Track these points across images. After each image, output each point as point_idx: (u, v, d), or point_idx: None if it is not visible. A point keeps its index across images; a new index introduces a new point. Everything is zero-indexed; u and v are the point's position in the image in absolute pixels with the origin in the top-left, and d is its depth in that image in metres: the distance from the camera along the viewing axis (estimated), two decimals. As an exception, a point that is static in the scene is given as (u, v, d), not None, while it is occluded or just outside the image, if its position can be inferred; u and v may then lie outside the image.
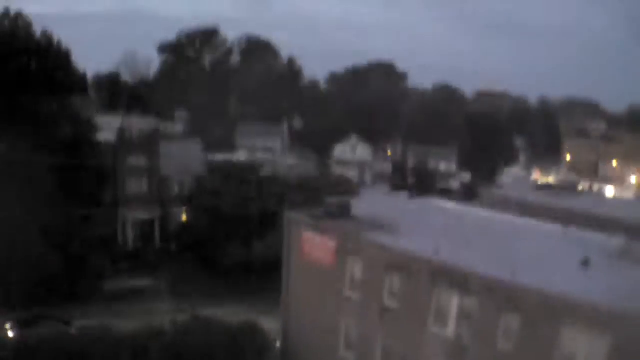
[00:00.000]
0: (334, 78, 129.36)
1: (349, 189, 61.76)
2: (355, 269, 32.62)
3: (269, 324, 39.88)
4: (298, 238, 36.13)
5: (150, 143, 64.95)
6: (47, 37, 60.01)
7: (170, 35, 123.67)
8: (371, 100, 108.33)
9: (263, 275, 46.54)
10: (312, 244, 34.95)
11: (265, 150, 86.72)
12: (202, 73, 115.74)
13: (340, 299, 33.18)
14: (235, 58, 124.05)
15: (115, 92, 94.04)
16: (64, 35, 60.61)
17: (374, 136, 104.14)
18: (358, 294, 32.58)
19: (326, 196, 40.57)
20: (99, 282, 55.21)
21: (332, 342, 33.77)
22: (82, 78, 67.10)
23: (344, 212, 36.09)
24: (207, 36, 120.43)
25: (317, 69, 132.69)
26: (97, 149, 59.10)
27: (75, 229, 53.15)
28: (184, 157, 65.56)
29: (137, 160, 63.56)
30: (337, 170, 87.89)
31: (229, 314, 45.19)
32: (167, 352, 35.47)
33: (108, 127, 66.38)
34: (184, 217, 63.19)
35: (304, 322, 36.62)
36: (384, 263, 30.93)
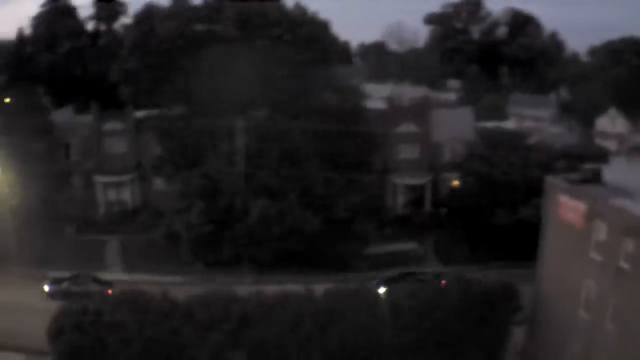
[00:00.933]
0: (593, 51, 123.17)
1: (604, 158, 58.01)
2: (600, 232, 33.70)
3: (525, 288, 40.00)
4: (555, 202, 37.88)
5: (420, 110, 64.98)
6: (300, 8, 62.16)
7: (433, 7, 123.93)
8: (627, 74, 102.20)
9: (527, 241, 44.80)
10: (566, 208, 36.53)
11: (534, 119, 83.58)
12: (469, 44, 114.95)
13: (584, 261, 34.38)
14: (501, 30, 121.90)
15: (383, 61, 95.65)
16: (325, 8, 62.12)
17: (632, 110, 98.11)
18: (600, 256, 33.59)
19: (584, 164, 40.70)
20: (364, 246, 56.34)
21: (573, 303, 35.12)
22: (344, 48, 68.16)
23: (595, 178, 37.26)
24: (473, 8, 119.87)
25: (576, 42, 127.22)
26: (365, 116, 60.15)
27: (340, 194, 54.36)
28: (455, 125, 64.68)
29: (408, 127, 63.66)
30: (597, 141, 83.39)
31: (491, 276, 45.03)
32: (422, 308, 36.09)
33: (377, 95, 68.11)
34: (454, 183, 62.29)
35: (553, 283, 38.15)
36: (624, 227, 31.66)
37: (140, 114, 64.32)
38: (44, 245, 53.94)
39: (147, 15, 62.22)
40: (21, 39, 79.06)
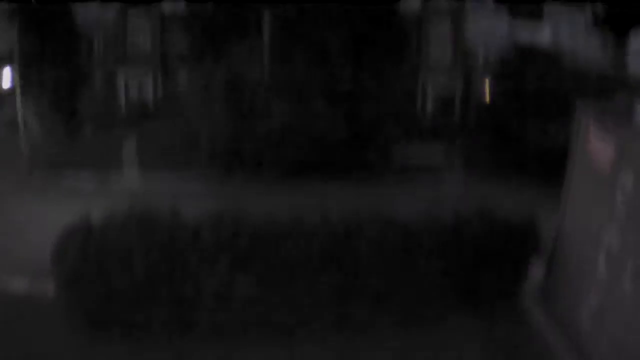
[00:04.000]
0: None
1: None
2: (627, 179, 29.13)
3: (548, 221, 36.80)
4: (584, 134, 33.35)
5: (457, 12, 63.08)
6: None
7: None
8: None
9: (557, 161, 42.73)
10: (594, 144, 32.20)
11: (569, 28, 78.64)
12: None
13: (609, 207, 30.07)
14: None
15: None
16: None
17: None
18: (625, 206, 29.27)
19: (618, 92, 37.33)
20: (391, 152, 55.14)
21: (594, 251, 31.05)
22: None
23: (627, 117, 32.01)
24: None
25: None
26: (397, 14, 57.97)
27: (368, 97, 52.18)
28: (490, 33, 62.58)
29: (442, 29, 62.04)
30: (633, 62, 78.42)
31: (518, 201, 41.85)
32: (444, 246, 33.94)
33: None
34: (486, 92, 59.34)
35: (575, 224, 34.36)
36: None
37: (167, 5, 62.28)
38: (60, 146, 53.62)
39: None
40: None
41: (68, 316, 32.19)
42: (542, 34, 67.30)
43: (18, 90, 51.71)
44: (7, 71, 56.69)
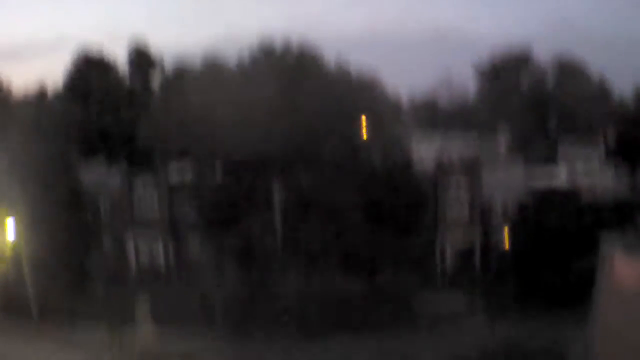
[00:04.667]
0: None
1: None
2: None
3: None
4: (611, 265, 32.59)
5: (471, 167, 62.53)
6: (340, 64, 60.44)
7: (479, 56, 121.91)
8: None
9: (579, 298, 40.82)
10: (623, 271, 31.45)
11: (584, 165, 79.28)
12: (518, 95, 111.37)
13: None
14: (550, 80, 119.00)
15: (432, 112, 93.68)
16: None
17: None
18: None
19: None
20: (406, 308, 52.39)
21: None
22: (393, 102, 66.62)
23: None
24: (522, 59, 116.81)
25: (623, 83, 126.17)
26: (413, 172, 58.14)
27: (383, 254, 50.97)
28: (506, 182, 61.76)
29: (458, 185, 61.35)
30: None
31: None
32: None
33: (426, 149, 65.12)
34: (506, 245, 58.86)
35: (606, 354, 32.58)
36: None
37: (173, 169, 62.86)
38: (71, 301, 51.87)
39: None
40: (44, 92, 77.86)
41: None
42: (558, 176, 67.22)
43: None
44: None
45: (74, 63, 76.15)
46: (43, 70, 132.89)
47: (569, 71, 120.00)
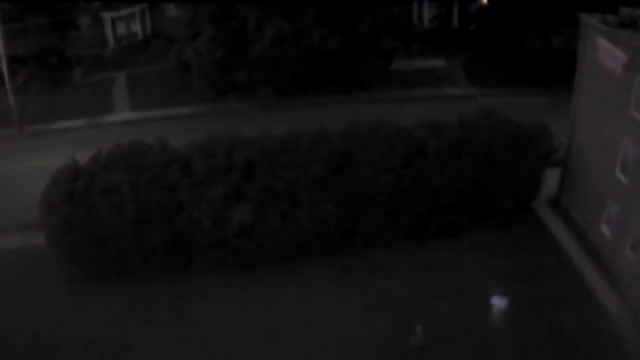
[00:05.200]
0: None
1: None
2: None
3: (555, 123, 36.40)
4: (592, 44, 33.04)
5: None
6: None
7: None
8: None
9: (560, 69, 42.12)
10: (603, 53, 31.78)
11: None
12: None
13: (623, 118, 29.85)
14: None
15: None
16: None
17: None
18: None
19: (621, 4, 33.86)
20: (388, 63, 52.94)
21: (609, 161, 31.07)
22: None
23: (635, 24, 31.58)
24: None
25: None
26: None
27: (363, 7, 49.46)
28: None
29: None
30: None
31: (519, 105, 43.28)
32: (447, 149, 32.70)
33: None
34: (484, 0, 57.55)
35: (588, 133, 34.40)
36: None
37: None
38: (49, 94, 51.37)
39: None
40: None
41: (61, 265, 31.18)
42: None
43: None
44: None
45: None
46: None
47: None
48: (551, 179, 36.04)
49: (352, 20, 48.71)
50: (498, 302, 27.53)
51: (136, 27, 60.01)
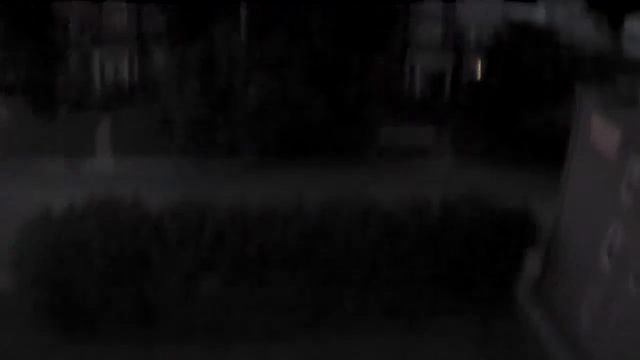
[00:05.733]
0: None
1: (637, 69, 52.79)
2: (635, 169, 27.82)
3: (540, 206, 35.70)
4: (587, 122, 32.09)
5: None
6: None
7: None
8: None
9: (552, 145, 41.71)
10: (598, 132, 30.86)
11: (565, 11, 76.20)
12: None
13: (612, 199, 29.02)
14: None
15: None
16: None
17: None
18: (631, 198, 28.03)
19: (617, 76, 34.38)
20: (374, 130, 52.75)
21: (595, 245, 30.13)
22: None
23: (631, 100, 30.99)
24: None
25: None
26: None
27: (351, 75, 49.74)
28: (483, 8, 59.02)
29: (433, 6, 58.65)
30: (627, 45, 76.17)
31: (506, 180, 43.66)
32: (426, 232, 32.39)
33: None
34: (478, 71, 58.21)
35: (575, 215, 33.38)
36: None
37: None
38: (32, 132, 50.97)
39: None
40: None
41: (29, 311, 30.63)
42: (537, 16, 64.60)
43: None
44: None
45: None
46: None
47: None
48: (534, 259, 35.57)
49: (340, 86, 49.44)
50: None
51: (124, 68, 60.34)
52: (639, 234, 27.12)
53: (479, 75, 58.92)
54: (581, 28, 64.46)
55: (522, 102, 50.98)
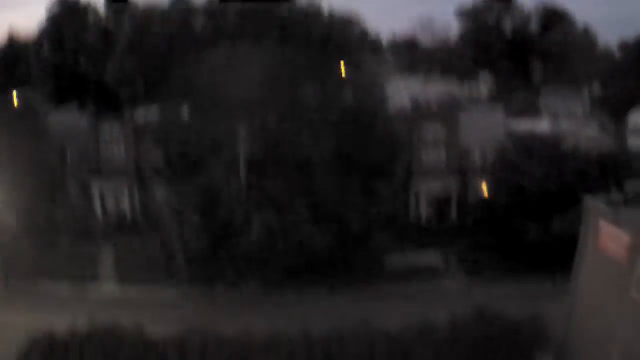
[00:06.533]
0: (624, 45, 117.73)
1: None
2: None
3: (550, 312, 34.96)
4: (595, 227, 31.78)
5: (449, 111, 60.18)
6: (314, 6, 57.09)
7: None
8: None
9: (560, 255, 40.16)
10: (607, 235, 30.43)
11: (567, 115, 78.03)
12: (501, 39, 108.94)
13: (623, 300, 28.44)
14: (533, 25, 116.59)
15: (412, 54, 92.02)
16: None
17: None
18: None
19: (625, 176, 35.22)
20: (381, 259, 52.01)
21: (606, 347, 29.28)
22: (371, 41, 64.04)
23: (637, 201, 30.89)
24: (505, 3, 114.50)
25: (607, 34, 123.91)
26: (387, 116, 55.00)
27: (356, 202, 49.59)
28: (485, 127, 59.58)
29: (434, 130, 59.23)
30: (631, 139, 77.62)
31: (515, 294, 42.69)
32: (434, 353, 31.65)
33: (404, 91, 63.41)
34: (484, 192, 58.03)
35: (585, 319, 32.46)
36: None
37: (140, 113, 60.88)
38: (36, 257, 50.61)
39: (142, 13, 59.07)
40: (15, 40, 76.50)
41: None
42: (540, 127, 65.66)
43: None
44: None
45: (49, 9, 74.31)
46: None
47: (554, 18, 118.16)
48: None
49: (344, 218, 49.22)
50: None
51: (125, 202, 60.87)
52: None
53: (484, 194, 58.59)
54: (586, 133, 65.70)
55: (527, 217, 50.30)
